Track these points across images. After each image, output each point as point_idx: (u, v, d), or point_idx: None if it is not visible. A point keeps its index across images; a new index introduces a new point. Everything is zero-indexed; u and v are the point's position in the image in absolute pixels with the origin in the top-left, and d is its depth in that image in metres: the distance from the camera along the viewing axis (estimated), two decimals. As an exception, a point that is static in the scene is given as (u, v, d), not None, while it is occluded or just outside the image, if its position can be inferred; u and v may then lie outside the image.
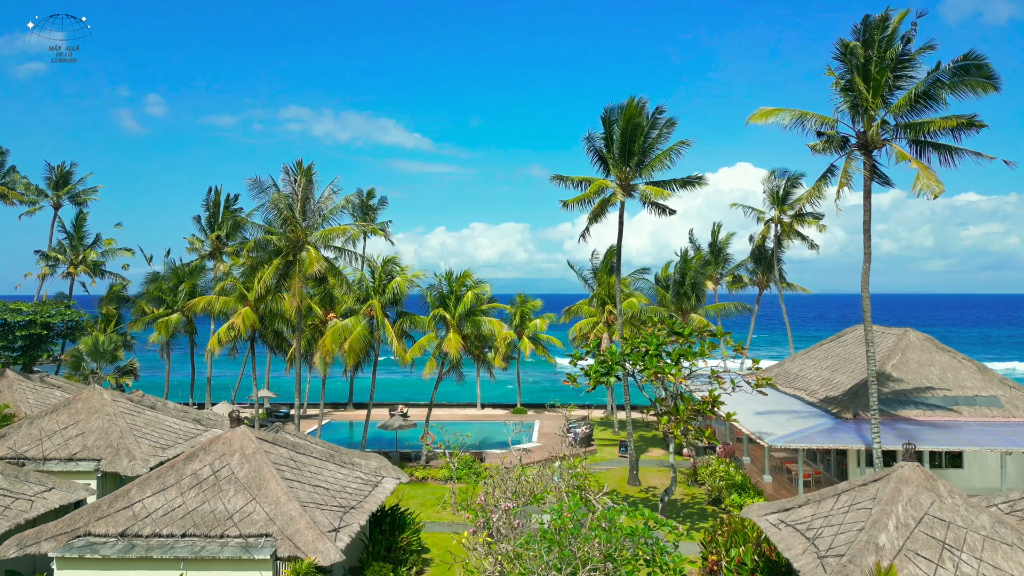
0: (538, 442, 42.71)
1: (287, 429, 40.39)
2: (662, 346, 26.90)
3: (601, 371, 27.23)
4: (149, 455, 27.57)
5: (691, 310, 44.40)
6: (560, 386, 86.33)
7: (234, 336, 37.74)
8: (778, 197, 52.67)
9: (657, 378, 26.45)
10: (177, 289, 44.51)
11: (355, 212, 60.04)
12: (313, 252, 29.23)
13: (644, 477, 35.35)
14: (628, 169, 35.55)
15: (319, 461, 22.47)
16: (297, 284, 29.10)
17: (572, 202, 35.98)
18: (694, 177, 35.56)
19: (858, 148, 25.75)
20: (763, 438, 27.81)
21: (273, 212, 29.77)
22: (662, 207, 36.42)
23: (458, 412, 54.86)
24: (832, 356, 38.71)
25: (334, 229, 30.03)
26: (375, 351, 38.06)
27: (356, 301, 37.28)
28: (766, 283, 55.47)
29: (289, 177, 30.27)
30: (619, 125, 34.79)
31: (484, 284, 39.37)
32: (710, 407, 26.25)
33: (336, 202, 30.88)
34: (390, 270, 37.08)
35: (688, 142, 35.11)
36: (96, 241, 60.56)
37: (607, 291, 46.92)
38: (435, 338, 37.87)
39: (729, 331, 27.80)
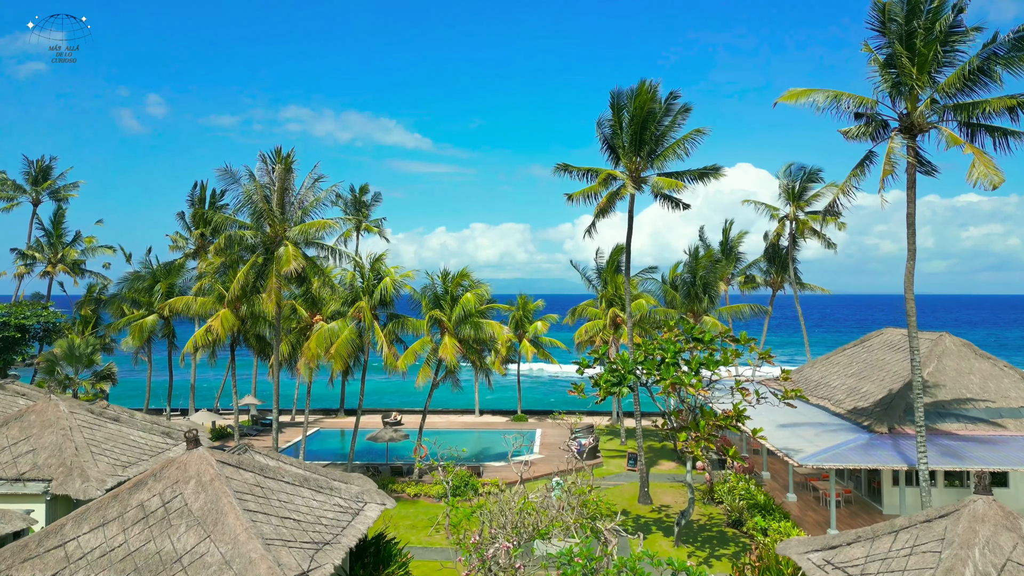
0: (540, 453, 39.86)
1: (264, 443, 37.60)
2: (680, 353, 24.08)
3: (612, 381, 24.41)
4: (107, 474, 24.74)
5: (703, 312, 41.57)
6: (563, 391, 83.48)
7: (212, 340, 34.91)
8: (794, 193, 49.92)
9: (674, 389, 23.61)
10: (152, 289, 41.68)
11: (347, 208, 57.23)
12: (291, 249, 26.43)
13: (656, 494, 32.51)
14: (639, 159, 32.71)
15: (291, 487, 19.68)
16: (274, 284, 26.29)
17: (578, 195, 33.14)
18: (710, 168, 32.71)
19: (901, 132, 22.91)
20: (791, 456, 24.98)
21: (248, 205, 26.96)
22: (675, 200, 33.61)
23: (455, 419, 52.01)
24: (857, 362, 35.87)
25: (314, 223, 27.20)
26: (364, 356, 35.22)
27: (343, 303, 34.44)
28: (780, 283, 52.68)
29: (266, 166, 27.45)
30: (629, 111, 31.98)
31: (483, 284, 36.53)
32: (734, 422, 23.43)
33: (318, 193, 28.05)
34: (379, 269, 34.24)
35: (704, 130, 32.30)
36: (76, 239, 57.81)
37: (614, 292, 44.10)
38: (429, 343, 35.04)
39: (753, 337, 24.96)
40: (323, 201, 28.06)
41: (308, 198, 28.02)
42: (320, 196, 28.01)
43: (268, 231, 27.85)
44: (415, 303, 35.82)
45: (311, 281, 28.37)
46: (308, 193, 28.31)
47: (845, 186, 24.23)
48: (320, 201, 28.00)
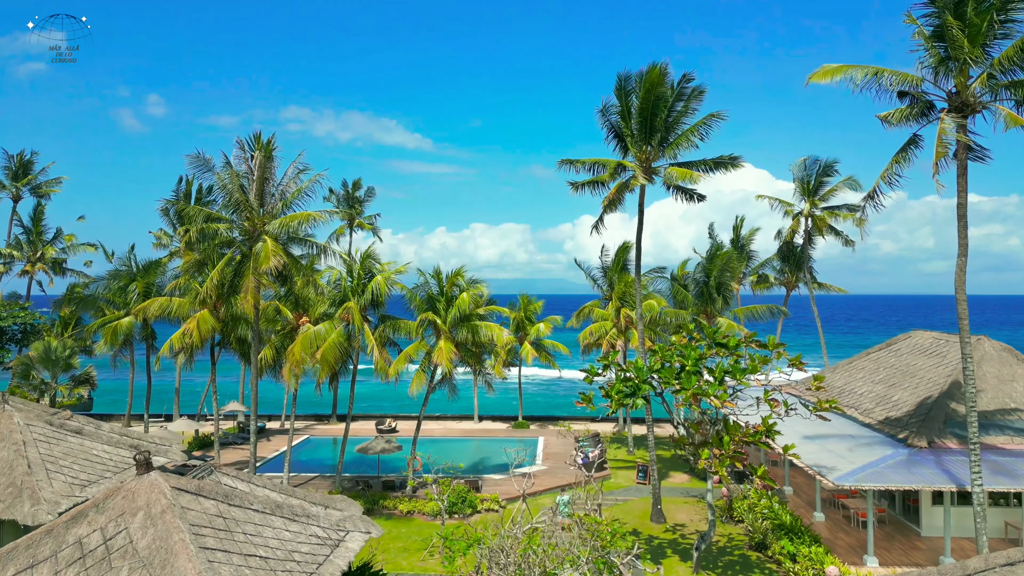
0: (543, 464, 37.34)
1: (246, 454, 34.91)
2: (701, 360, 21.55)
3: (625, 391, 21.89)
4: (62, 495, 22.17)
5: (717, 313, 39.06)
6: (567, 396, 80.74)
7: (190, 343, 32.39)
8: (809, 188, 47.43)
9: (696, 401, 21.07)
10: (128, 289, 39.13)
11: (340, 204, 54.73)
12: (270, 244, 23.90)
13: (669, 511, 29.98)
14: (649, 148, 30.19)
15: (260, 515, 17.18)
16: (251, 283, 23.79)
17: (584, 185, 30.61)
18: (727, 158, 30.17)
19: (951, 112, 20.38)
20: (825, 475, 22.45)
21: (223, 195, 24.44)
22: (689, 192, 31.06)
23: (452, 426, 49.48)
24: (885, 368, 33.34)
25: (296, 216, 24.67)
26: (354, 360, 32.72)
27: (331, 304, 31.92)
28: (794, 283, 50.16)
29: (244, 153, 24.95)
30: (638, 96, 29.46)
31: (481, 284, 34.08)
32: (763, 438, 20.91)
33: (301, 183, 25.49)
34: (369, 267, 31.73)
35: (721, 115, 29.72)
36: (57, 236, 55.27)
37: (622, 292, 41.56)
38: (423, 346, 32.53)
39: (782, 342, 22.43)
40: (306, 192, 25.52)
41: (290, 189, 25.49)
42: (303, 186, 25.45)
43: (246, 225, 25.33)
44: (409, 304, 33.33)
45: (294, 280, 25.85)
46: (291, 184, 25.79)
47: (887, 173, 21.70)
48: (303, 192, 25.45)
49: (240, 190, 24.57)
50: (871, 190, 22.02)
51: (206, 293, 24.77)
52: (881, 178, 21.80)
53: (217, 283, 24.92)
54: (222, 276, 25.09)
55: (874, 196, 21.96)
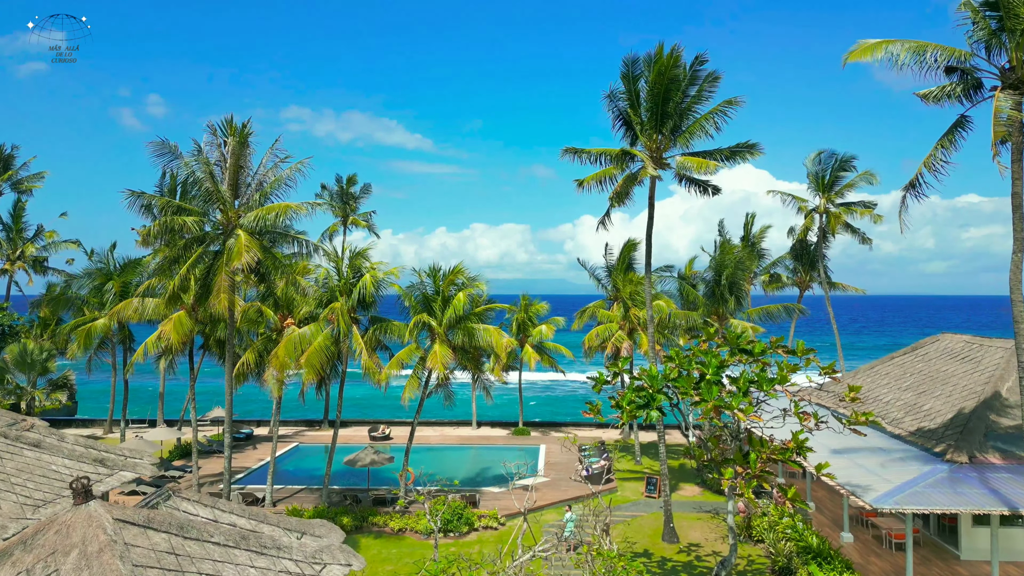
0: (545, 475, 35.08)
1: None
2: (723, 369, 19.30)
3: (638, 402, 19.63)
4: (11, 518, 19.97)
5: (729, 314, 36.81)
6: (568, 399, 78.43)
7: (166, 347, 30.18)
8: (823, 183, 45.20)
9: (717, 414, 18.81)
10: (103, 289, 36.88)
11: (334, 201, 52.48)
12: (243, 238, 21.65)
13: (682, 529, 27.75)
14: (660, 137, 27.99)
15: (221, 549, 14.95)
16: (223, 282, 21.56)
17: (590, 180, 28.38)
18: (743, 146, 27.95)
19: (1005, 89, 18.13)
20: (860, 495, 20.18)
21: (192, 186, 22.19)
22: (703, 184, 28.87)
23: (449, 433, 47.23)
24: (912, 374, 31.09)
25: (274, 207, 22.39)
26: (342, 365, 30.49)
27: (318, 304, 29.68)
28: (808, 283, 47.92)
29: (216, 139, 22.72)
30: (648, 80, 27.26)
31: (479, 282, 31.81)
32: (794, 456, 18.67)
33: (281, 172, 23.22)
34: (359, 265, 29.50)
35: (738, 101, 27.53)
36: (38, 233, 53.03)
37: (629, 292, 39.32)
38: (417, 350, 30.30)
39: (812, 347, 20.18)
40: (286, 181, 23.24)
41: (269, 179, 23.23)
42: (282, 175, 23.16)
43: (220, 218, 23.10)
44: (402, 304, 31.11)
45: (274, 280, 23.60)
46: (269, 173, 23.53)
47: (930, 159, 19.45)
48: (283, 181, 23.18)
49: (211, 179, 22.32)
50: (912, 179, 19.78)
51: (173, 293, 22.51)
52: (924, 165, 19.55)
53: (183, 283, 22.65)
54: (191, 274, 22.84)
55: (916, 185, 19.71)
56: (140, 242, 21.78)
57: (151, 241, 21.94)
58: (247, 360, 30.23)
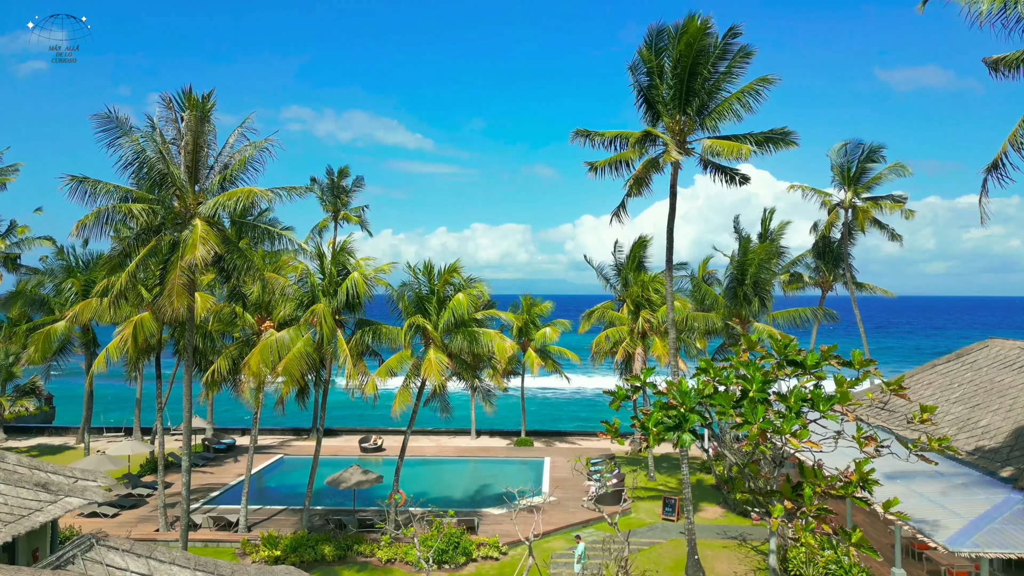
0: (551, 495, 31.89)
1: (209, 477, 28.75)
2: (769, 384, 16.17)
3: (667, 424, 16.50)
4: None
5: (752, 318, 33.68)
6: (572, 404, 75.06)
7: (133, 351, 27.05)
8: (849, 175, 42.07)
9: (763, 439, 15.67)
10: (62, 288, 33.73)
11: (324, 195, 49.31)
12: (200, 228, 18.50)
13: (707, 559, 24.61)
14: (684, 118, 24.87)
15: (150, 619, 11.89)
16: (176, 280, 18.43)
17: (604, 164, 25.30)
18: (778, 132, 24.83)
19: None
20: (930, 534, 17.06)
21: (142, 168, 19.00)
22: (731, 173, 25.75)
23: (446, 443, 44.08)
24: (961, 384, 27.95)
25: (234, 193, 19.17)
26: (326, 372, 27.34)
27: (299, 305, 26.52)
28: (831, 283, 44.76)
29: (172, 114, 19.58)
30: (673, 53, 24.16)
31: (479, 283, 28.57)
32: (858, 491, 15.53)
33: (247, 153, 20.04)
34: (344, 261, 26.36)
35: (772, 78, 24.41)
36: (10, 229, 49.81)
37: (639, 293, 36.19)
38: (410, 357, 27.13)
39: (872, 359, 17.05)
40: (252, 162, 20.05)
41: (234, 160, 20.05)
42: (245, 155, 19.97)
43: (176, 206, 19.93)
44: (393, 305, 27.93)
45: (242, 277, 20.45)
46: (236, 155, 20.34)
47: (1015, 137, 16.32)
48: (248, 162, 20.01)
49: (163, 160, 19.13)
50: (995, 159, 16.64)
51: (120, 292, 19.39)
52: (1008, 142, 16.42)
53: (132, 280, 19.49)
54: (140, 270, 19.70)
55: (999, 166, 16.58)
56: (73, 233, 18.62)
57: (86, 233, 18.75)
58: (219, 367, 27.09)
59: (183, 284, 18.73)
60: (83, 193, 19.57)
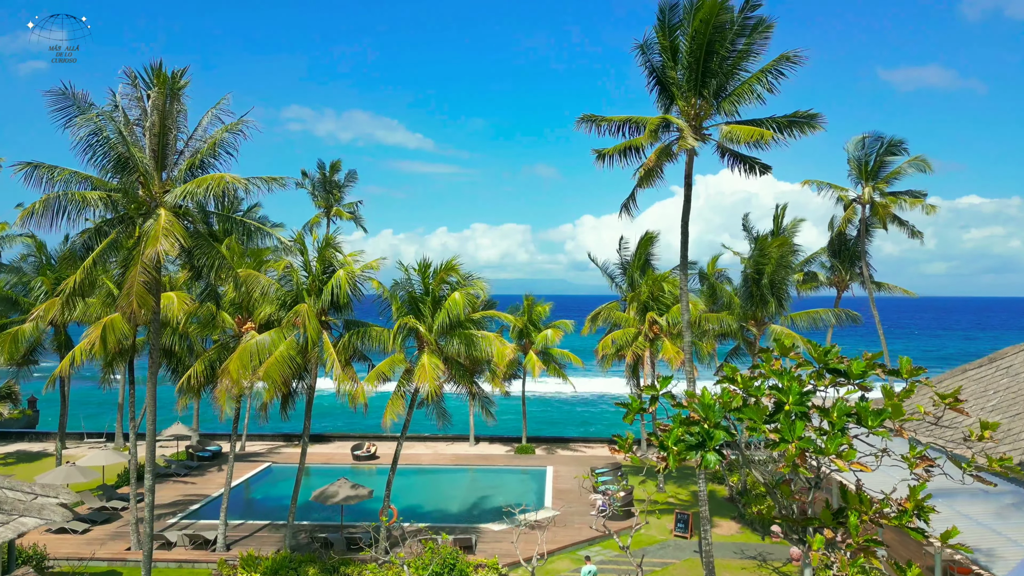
0: (554, 508, 29.85)
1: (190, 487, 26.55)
2: (808, 397, 14.11)
3: (690, 441, 14.43)
4: None
5: (769, 319, 31.62)
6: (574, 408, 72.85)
7: (102, 354, 25.03)
8: (867, 170, 40.04)
9: (802, 460, 13.61)
10: (31, 287, 31.71)
11: (316, 190, 47.32)
12: (164, 218, 16.47)
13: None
14: (700, 101, 22.85)
15: None
16: (136, 277, 16.40)
17: (612, 151, 23.29)
18: (802, 115, 22.76)
19: None
20: (988, 568, 15.04)
21: (100, 152, 16.96)
22: (750, 162, 23.70)
23: (443, 450, 42.06)
24: (998, 391, 25.84)
25: (203, 180, 17.10)
26: (311, 378, 25.32)
27: (281, 306, 24.48)
28: (846, 282, 42.74)
29: (137, 91, 17.56)
30: (687, 31, 22.14)
31: (478, 281, 26.47)
32: (913, 520, 13.48)
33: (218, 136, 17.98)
34: (330, 258, 24.33)
35: (794, 56, 22.34)
36: (-11, 226, 47.77)
37: (648, 292, 34.15)
38: (402, 361, 25.06)
39: (921, 366, 15.04)
40: (224, 146, 17.99)
41: (207, 143, 17.97)
42: (216, 138, 17.90)
43: (141, 194, 17.91)
44: (384, 305, 25.87)
45: (213, 275, 18.43)
46: (212, 138, 18.25)
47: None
48: (221, 145, 17.94)
49: (124, 142, 17.11)
50: None
51: (73, 291, 17.37)
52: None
53: (88, 276, 17.45)
54: (98, 267, 17.71)
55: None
56: (18, 223, 16.63)
57: (32, 223, 16.75)
58: (196, 372, 25.08)
59: (145, 282, 16.68)
60: (39, 180, 17.54)
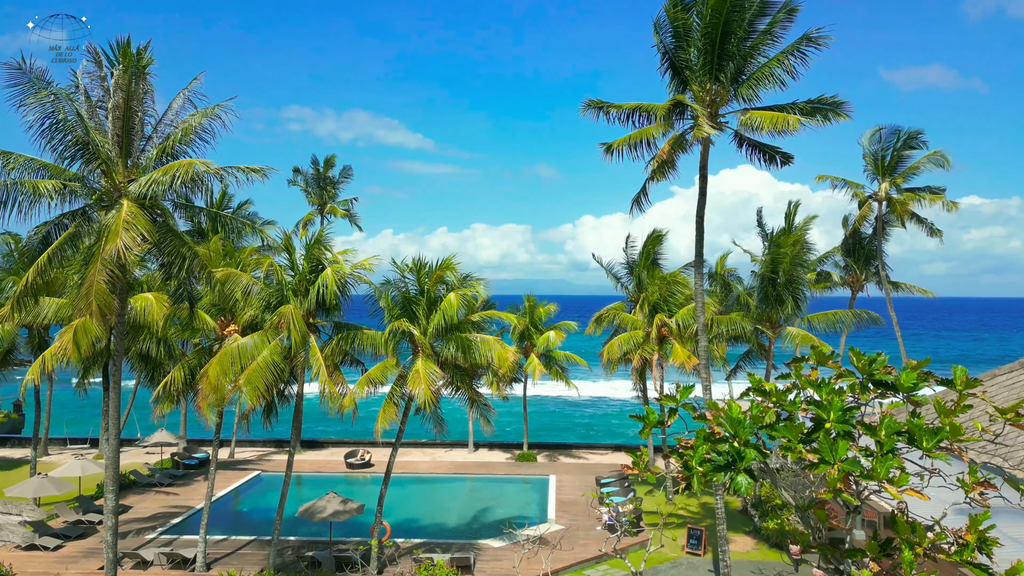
0: (558, 522, 28.14)
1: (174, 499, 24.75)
2: (852, 413, 12.39)
3: (717, 463, 12.70)
4: None
5: (785, 321, 29.91)
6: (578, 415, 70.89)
7: (76, 358, 23.34)
8: (883, 165, 38.34)
9: (846, 485, 11.88)
10: (3, 286, 30.04)
11: (309, 187, 45.62)
12: (125, 210, 14.76)
13: (744, 608, 20.85)
14: (717, 86, 21.16)
15: None
16: (96, 276, 14.71)
17: (622, 144, 21.58)
18: (827, 101, 21.09)
19: None
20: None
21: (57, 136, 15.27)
22: (770, 152, 22.01)
23: (441, 457, 40.34)
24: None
25: (170, 167, 15.38)
26: (298, 384, 23.63)
27: (265, 307, 22.76)
28: (861, 283, 41.03)
29: (100, 71, 15.87)
30: (703, 9, 20.44)
31: (477, 281, 24.73)
32: (974, 555, 11.75)
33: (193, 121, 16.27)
34: (318, 255, 22.62)
35: (819, 38, 20.65)
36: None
37: (657, 293, 32.41)
38: (395, 366, 23.34)
39: (976, 377, 13.34)
40: (199, 131, 16.28)
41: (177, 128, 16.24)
42: (190, 123, 16.17)
43: (103, 183, 16.22)
44: (376, 306, 24.17)
45: (183, 272, 16.74)
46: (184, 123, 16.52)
47: None
48: (196, 131, 16.24)
49: (83, 124, 15.40)
50: None
51: (24, 291, 15.71)
52: None
53: (40, 274, 15.77)
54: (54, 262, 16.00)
55: None
56: None
57: None
58: (175, 379, 23.39)
59: (106, 281, 14.98)
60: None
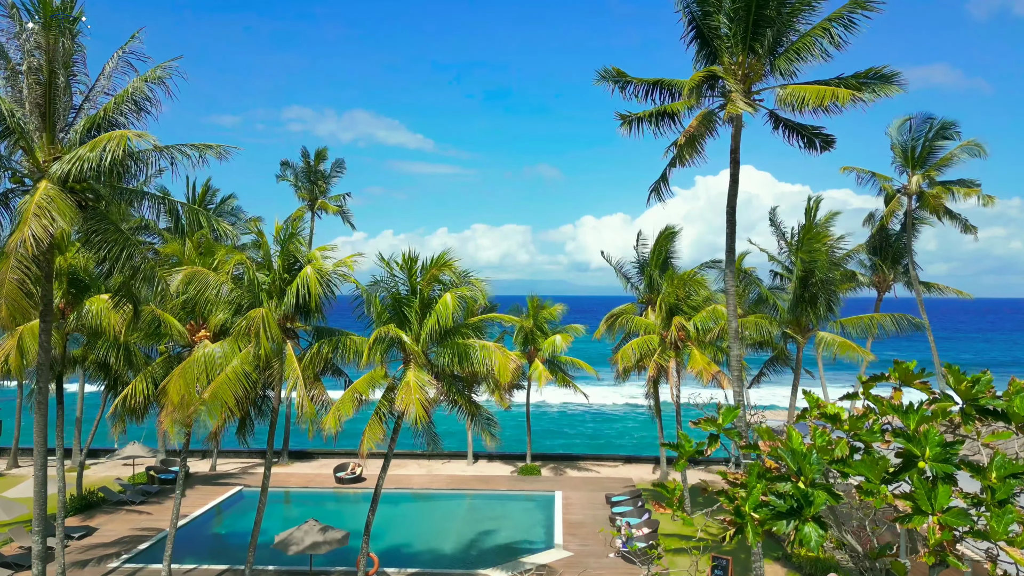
0: (566, 547, 25.44)
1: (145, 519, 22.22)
2: (954, 449, 9.71)
3: (777, 508, 10.04)
4: None
5: (815, 326, 27.24)
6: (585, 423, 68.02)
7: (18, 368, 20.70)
8: (913, 156, 35.70)
9: (951, 546, 9.21)
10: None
11: (299, 181, 42.95)
12: (41, 193, 12.10)
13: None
14: (752, 58, 18.50)
15: None
16: (7, 274, 12.13)
17: (645, 116, 18.95)
18: (876, 74, 18.47)
19: None
20: None
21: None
22: (811, 134, 19.35)
23: (438, 470, 37.64)
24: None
25: (98, 141, 12.70)
26: (274, 398, 21.01)
27: (235, 311, 20.10)
28: (889, 283, 38.36)
29: (18, 27, 13.25)
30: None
31: (476, 280, 21.97)
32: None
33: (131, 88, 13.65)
34: (295, 252, 19.98)
35: (869, 2, 18.00)
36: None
37: (674, 294, 29.71)
38: (384, 377, 20.65)
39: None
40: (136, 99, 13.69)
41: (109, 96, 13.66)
42: (130, 89, 13.59)
43: (25, 162, 13.61)
44: (362, 310, 21.49)
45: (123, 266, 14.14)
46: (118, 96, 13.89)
47: None
48: (133, 98, 13.62)
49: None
50: None
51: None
52: None
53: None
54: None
55: None
56: None
57: None
58: (135, 392, 20.75)
59: (17, 280, 12.35)
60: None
